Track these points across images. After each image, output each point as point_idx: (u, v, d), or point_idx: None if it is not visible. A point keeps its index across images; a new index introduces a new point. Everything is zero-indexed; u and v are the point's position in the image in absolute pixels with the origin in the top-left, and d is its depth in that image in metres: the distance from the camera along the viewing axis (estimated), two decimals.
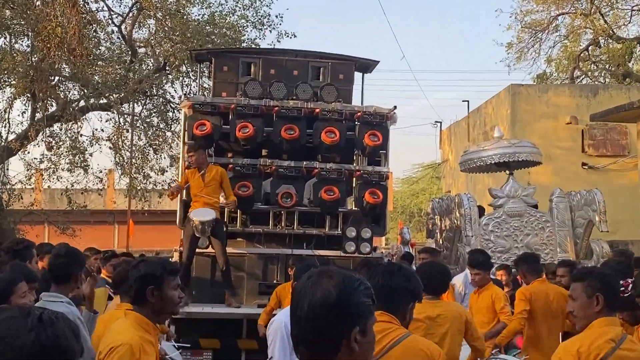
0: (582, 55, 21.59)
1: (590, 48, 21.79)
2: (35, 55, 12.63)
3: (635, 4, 20.10)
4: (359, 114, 8.48)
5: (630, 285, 3.92)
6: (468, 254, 7.71)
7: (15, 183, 14.48)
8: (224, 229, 8.22)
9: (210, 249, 8.02)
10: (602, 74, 21.84)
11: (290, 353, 3.98)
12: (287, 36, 14.97)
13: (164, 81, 15.03)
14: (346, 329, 1.64)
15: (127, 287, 3.65)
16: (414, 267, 7.28)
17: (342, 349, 1.64)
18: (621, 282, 3.78)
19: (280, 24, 15.72)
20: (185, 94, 13.33)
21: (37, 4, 11.72)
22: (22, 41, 13.19)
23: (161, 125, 15.36)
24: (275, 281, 7.95)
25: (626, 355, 3.17)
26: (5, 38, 13.10)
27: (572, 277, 3.70)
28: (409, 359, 2.97)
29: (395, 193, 33.05)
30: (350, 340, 1.64)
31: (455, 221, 10.10)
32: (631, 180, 14.53)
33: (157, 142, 15.31)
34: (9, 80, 13.36)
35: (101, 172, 15.21)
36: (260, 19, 14.63)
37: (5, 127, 13.52)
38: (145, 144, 15.56)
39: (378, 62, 9.57)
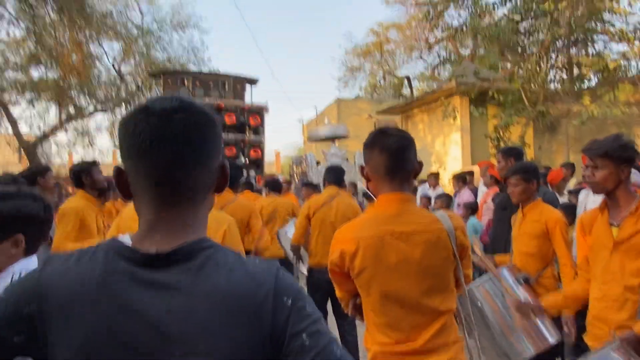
0: (377, 84, 29.86)
1: (381, 81, 29.53)
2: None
3: (404, 57, 27.69)
4: (247, 106, 10.34)
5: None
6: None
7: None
8: None
9: None
10: (387, 94, 29.61)
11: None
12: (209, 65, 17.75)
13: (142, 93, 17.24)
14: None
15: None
16: None
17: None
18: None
19: (210, 61, 19.27)
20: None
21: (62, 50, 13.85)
22: (50, 71, 15.66)
23: None
24: None
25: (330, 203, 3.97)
26: (40, 70, 15.77)
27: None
28: None
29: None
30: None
31: (304, 168, 12.03)
32: None
33: None
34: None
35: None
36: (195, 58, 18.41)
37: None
38: None
39: (258, 80, 11.20)
